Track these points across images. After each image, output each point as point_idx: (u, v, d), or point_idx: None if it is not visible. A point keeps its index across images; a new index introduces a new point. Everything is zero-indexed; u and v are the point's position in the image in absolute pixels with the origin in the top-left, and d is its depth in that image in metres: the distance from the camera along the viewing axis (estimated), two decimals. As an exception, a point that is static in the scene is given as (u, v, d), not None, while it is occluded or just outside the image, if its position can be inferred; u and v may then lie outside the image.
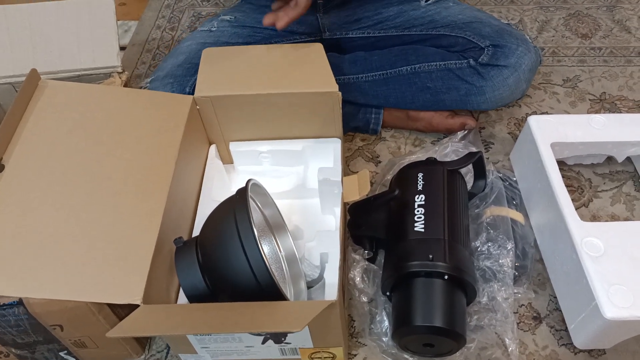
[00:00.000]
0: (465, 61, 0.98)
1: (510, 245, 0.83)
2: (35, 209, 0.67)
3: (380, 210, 0.83)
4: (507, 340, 0.79)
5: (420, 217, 0.78)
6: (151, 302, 0.63)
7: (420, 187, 0.82)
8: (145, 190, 0.71)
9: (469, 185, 0.90)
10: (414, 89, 1.01)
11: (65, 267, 0.63)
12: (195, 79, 0.86)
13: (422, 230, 0.77)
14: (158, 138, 0.77)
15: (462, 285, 0.75)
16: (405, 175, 0.86)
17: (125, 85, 0.90)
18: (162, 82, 0.95)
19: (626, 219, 0.95)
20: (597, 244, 0.75)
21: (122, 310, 0.71)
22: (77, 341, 0.75)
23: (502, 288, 0.81)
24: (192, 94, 0.83)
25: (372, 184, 1.02)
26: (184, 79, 0.94)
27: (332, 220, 0.88)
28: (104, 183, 0.71)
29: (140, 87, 0.98)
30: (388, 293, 0.79)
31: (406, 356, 0.79)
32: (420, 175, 0.84)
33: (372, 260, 0.83)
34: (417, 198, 0.81)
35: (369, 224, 0.84)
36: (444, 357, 0.78)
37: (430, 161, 0.88)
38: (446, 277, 0.73)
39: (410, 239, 0.77)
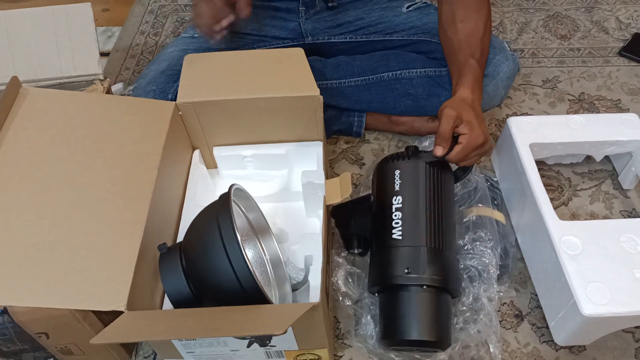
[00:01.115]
0: (445, 69, 0.99)
1: (495, 245, 0.83)
2: (17, 218, 0.67)
3: (365, 211, 0.83)
4: (490, 343, 0.80)
5: (397, 223, 0.76)
6: (135, 308, 0.63)
7: (397, 187, 0.79)
8: (128, 197, 0.71)
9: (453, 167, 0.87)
10: (395, 94, 1.03)
11: (49, 275, 0.63)
12: (178, 86, 0.86)
13: (400, 237, 0.75)
14: (140, 145, 0.77)
15: (444, 290, 0.75)
16: (382, 174, 0.83)
17: (107, 92, 0.90)
18: (145, 89, 0.95)
19: (605, 217, 0.97)
20: (575, 243, 0.77)
21: (107, 317, 0.72)
22: (63, 348, 0.75)
23: (487, 289, 0.82)
24: (175, 101, 0.84)
25: (356, 185, 1.03)
26: (166, 86, 0.95)
27: (317, 223, 0.89)
28: (86, 190, 0.71)
29: (123, 95, 0.98)
30: (375, 294, 0.80)
31: (392, 356, 0.80)
32: (397, 172, 0.80)
33: (363, 254, 0.83)
34: (394, 200, 0.78)
35: (356, 224, 0.83)
36: (429, 354, 0.79)
37: (409, 154, 0.82)
38: (424, 286, 0.73)
39: (390, 247, 0.76)
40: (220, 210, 0.67)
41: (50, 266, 0.64)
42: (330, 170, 1.07)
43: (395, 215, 0.77)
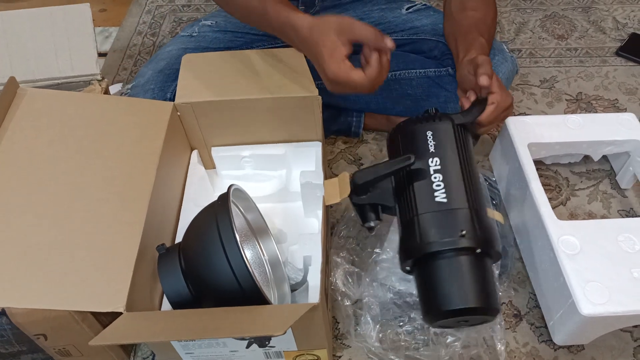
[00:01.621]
0: (444, 69, 0.99)
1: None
2: (16, 219, 0.67)
3: (388, 177, 0.75)
4: (495, 339, 0.80)
5: (439, 185, 0.70)
6: (134, 309, 0.63)
7: (432, 149, 0.73)
8: (126, 198, 0.71)
9: None
10: (394, 95, 1.03)
11: (47, 276, 0.63)
12: (176, 85, 0.86)
13: (445, 200, 0.69)
14: (139, 145, 0.77)
15: (490, 254, 0.70)
16: (412, 135, 0.76)
17: (105, 93, 0.90)
18: (143, 88, 0.95)
19: (603, 217, 0.97)
20: (573, 242, 0.77)
21: (106, 318, 0.71)
22: (61, 350, 0.75)
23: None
24: (173, 99, 0.84)
25: (354, 186, 1.03)
26: (164, 85, 0.95)
27: (315, 223, 0.89)
28: (85, 191, 0.71)
29: (121, 93, 0.98)
30: (408, 268, 0.72)
31: (391, 357, 0.80)
32: (429, 134, 0.75)
33: (371, 230, 0.76)
34: (432, 162, 0.72)
35: (375, 192, 0.75)
36: (435, 351, 0.78)
37: (436, 115, 0.77)
38: (478, 251, 0.67)
39: (433, 211, 0.69)
40: (219, 211, 0.67)
41: (49, 267, 0.64)
42: (329, 171, 1.07)
43: (435, 178, 0.71)
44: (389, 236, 0.90)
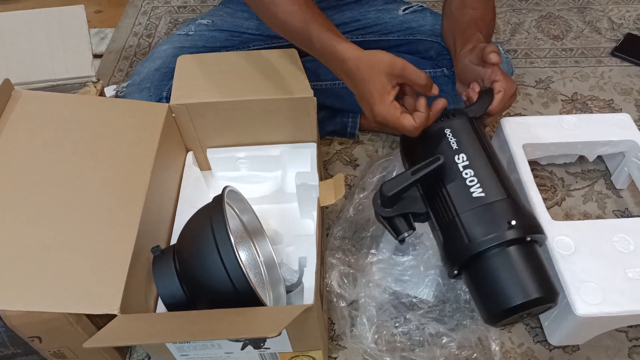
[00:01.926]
0: (440, 70, 0.99)
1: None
2: (10, 221, 0.67)
3: (410, 185, 0.72)
4: (490, 340, 0.80)
5: (473, 180, 0.69)
6: (129, 311, 0.63)
7: (455, 146, 0.72)
8: (121, 200, 0.71)
9: None
10: None
11: (42, 279, 0.63)
12: (172, 83, 0.86)
13: (483, 194, 0.68)
14: (134, 147, 0.77)
15: (538, 240, 0.69)
16: (430, 136, 0.75)
17: (101, 94, 0.90)
18: (139, 86, 0.95)
19: (598, 217, 0.98)
20: (568, 243, 0.77)
21: (101, 320, 0.71)
22: (56, 352, 0.75)
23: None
24: (169, 98, 0.83)
25: (350, 187, 1.03)
26: (160, 84, 0.94)
27: (311, 224, 0.89)
28: (79, 193, 0.71)
29: (116, 92, 0.98)
30: (455, 272, 0.70)
31: (387, 358, 0.80)
32: (448, 132, 0.74)
33: (403, 242, 0.74)
34: (458, 159, 0.71)
35: (403, 202, 0.72)
36: (430, 352, 0.78)
37: (449, 113, 0.76)
38: (528, 239, 0.66)
39: (474, 208, 0.67)
40: (213, 213, 0.67)
41: (43, 269, 0.64)
42: (324, 172, 1.07)
43: (467, 174, 0.70)
44: (385, 237, 0.90)
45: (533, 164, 0.98)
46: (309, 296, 0.71)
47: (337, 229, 0.92)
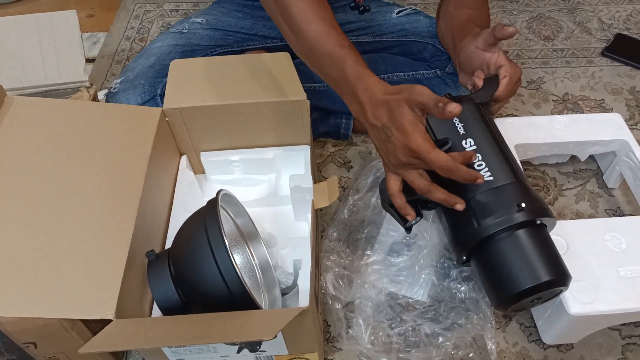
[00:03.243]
0: (432, 71, 1.00)
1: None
2: (4, 226, 0.67)
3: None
4: (486, 338, 0.80)
5: (481, 164, 0.69)
6: (124, 316, 0.63)
7: (462, 131, 0.72)
8: (115, 204, 0.71)
9: None
10: None
11: (36, 284, 0.63)
12: (166, 81, 0.86)
13: (491, 178, 0.67)
14: (127, 151, 0.77)
15: (547, 224, 0.69)
16: (436, 122, 0.74)
17: (94, 99, 0.90)
18: (133, 82, 0.94)
19: (591, 216, 0.98)
20: (560, 242, 0.77)
21: (96, 325, 0.71)
22: (51, 358, 0.74)
23: (478, 287, 0.82)
24: (163, 95, 0.83)
25: (344, 189, 1.03)
26: (155, 81, 0.94)
27: (305, 227, 0.89)
28: (73, 198, 0.71)
29: (110, 88, 0.97)
30: (465, 258, 0.71)
31: (383, 359, 0.80)
32: (455, 118, 0.73)
33: (410, 230, 0.74)
34: (465, 144, 0.71)
35: (412, 188, 0.70)
36: (427, 353, 0.78)
37: (456, 99, 0.75)
38: (538, 222, 0.66)
39: (483, 192, 0.67)
40: (207, 217, 0.67)
41: (37, 275, 0.64)
42: (318, 174, 1.07)
43: (475, 158, 0.70)
44: (379, 238, 0.90)
45: (525, 164, 0.99)
46: (304, 299, 0.72)
47: (331, 231, 0.92)
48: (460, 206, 0.67)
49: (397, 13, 1.07)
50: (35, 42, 0.92)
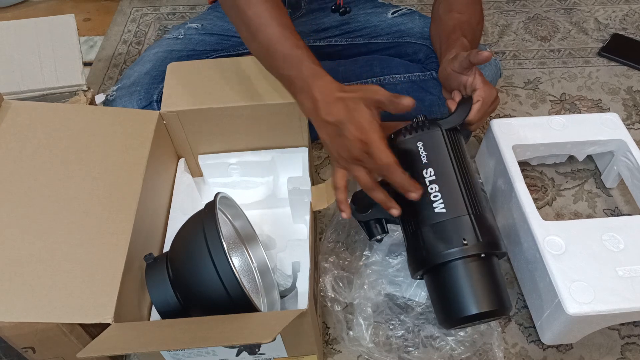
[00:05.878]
0: (429, 73, 1.00)
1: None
2: (1, 231, 0.67)
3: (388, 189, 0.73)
4: (493, 346, 0.80)
5: (437, 196, 0.71)
6: (123, 320, 0.63)
7: (425, 159, 0.74)
8: (113, 208, 0.71)
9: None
10: None
11: (34, 289, 0.63)
12: (163, 87, 0.86)
13: (444, 210, 0.70)
14: (125, 155, 0.77)
15: (496, 255, 0.72)
16: (403, 148, 0.76)
17: (91, 103, 0.90)
18: (129, 89, 0.95)
19: (589, 216, 0.98)
20: (558, 242, 0.77)
21: (94, 329, 0.71)
22: (50, 362, 0.74)
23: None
24: (160, 101, 0.83)
25: (342, 191, 1.03)
26: (151, 87, 0.94)
27: (304, 229, 0.89)
28: (71, 202, 0.70)
29: (106, 95, 0.97)
30: (419, 277, 0.76)
31: (387, 358, 0.80)
32: (419, 144, 0.75)
33: (380, 241, 0.79)
34: (426, 173, 0.73)
35: (377, 207, 0.75)
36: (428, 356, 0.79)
37: (424, 124, 0.76)
38: (483, 255, 0.69)
39: (434, 223, 0.70)
40: (206, 219, 0.67)
41: (35, 279, 0.64)
42: (317, 176, 1.07)
43: (432, 189, 0.72)
44: (378, 239, 0.90)
45: (523, 165, 0.99)
46: (303, 301, 0.72)
47: (330, 233, 0.92)
48: (395, 212, 0.70)
49: (392, 14, 1.07)
50: (34, 46, 0.92)
